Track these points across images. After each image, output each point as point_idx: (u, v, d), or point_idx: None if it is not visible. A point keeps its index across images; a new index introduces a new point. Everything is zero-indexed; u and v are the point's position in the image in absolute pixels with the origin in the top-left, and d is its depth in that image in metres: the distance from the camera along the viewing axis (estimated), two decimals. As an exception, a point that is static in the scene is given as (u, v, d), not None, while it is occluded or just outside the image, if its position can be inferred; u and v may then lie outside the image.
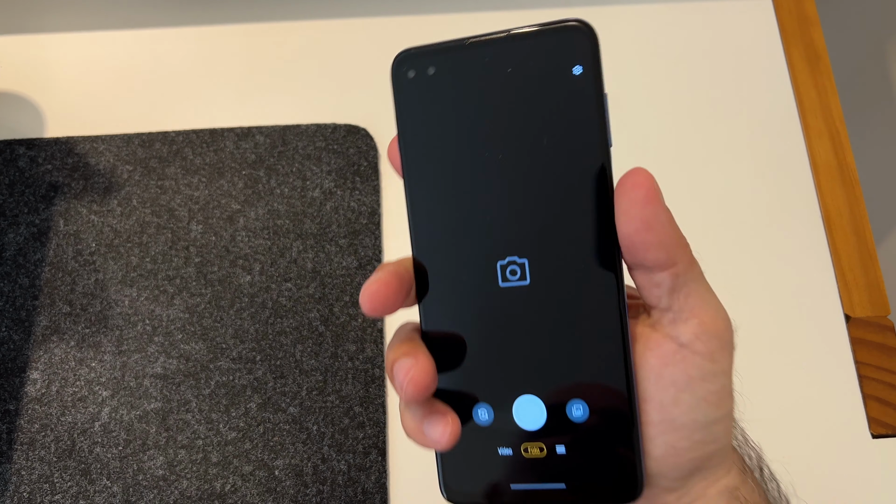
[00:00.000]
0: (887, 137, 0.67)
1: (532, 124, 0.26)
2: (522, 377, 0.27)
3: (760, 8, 0.53)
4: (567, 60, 0.25)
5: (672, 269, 0.25)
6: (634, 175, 0.25)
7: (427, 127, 0.27)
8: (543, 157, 0.26)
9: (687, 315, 0.25)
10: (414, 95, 0.27)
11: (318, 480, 0.41)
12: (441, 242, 0.27)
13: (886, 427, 0.42)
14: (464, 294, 0.27)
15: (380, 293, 0.25)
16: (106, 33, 0.52)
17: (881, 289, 0.45)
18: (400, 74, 0.27)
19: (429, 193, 0.27)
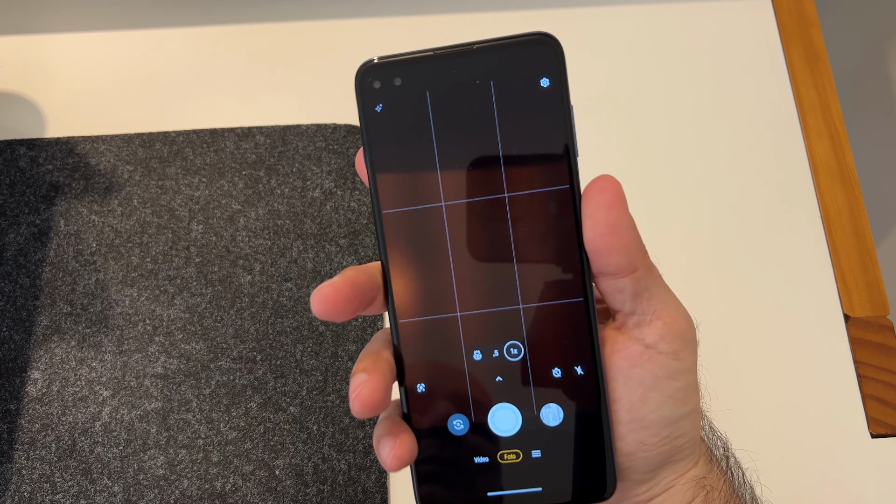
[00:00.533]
0: (887, 137, 0.67)
1: (499, 136, 0.26)
2: (497, 387, 0.27)
3: (760, 8, 0.53)
4: (534, 73, 0.26)
5: (633, 273, 0.26)
6: (601, 181, 0.25)
7: (393, 139, 0.26)
8: (511, 169, 0.26)
9: (650, 317, 0.26)
10: (379, 106, 0.26)
11: (319, 480, 0.41)
12: (411, 253, 0.27)
13: (886, 427, 0.42)
14: (436, 306, 0.27)
15: (329, 299, 0.25)
16: (106, 33, 0.52)
17: (881, 289, 0.45)
18: (365, 85, 0.26)
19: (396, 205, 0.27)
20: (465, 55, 0.26)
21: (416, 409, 0.27)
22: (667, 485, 0.27)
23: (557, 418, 0.27)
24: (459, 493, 0.27)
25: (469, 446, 0.27)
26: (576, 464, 0.27)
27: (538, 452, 0.27)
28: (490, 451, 0.27)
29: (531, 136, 0.26)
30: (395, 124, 0.26)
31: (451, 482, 0.27)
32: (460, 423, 0.27)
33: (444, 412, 0.27)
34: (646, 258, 0.26)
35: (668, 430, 0.26)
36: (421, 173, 0.27)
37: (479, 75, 0.26)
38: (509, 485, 0.27)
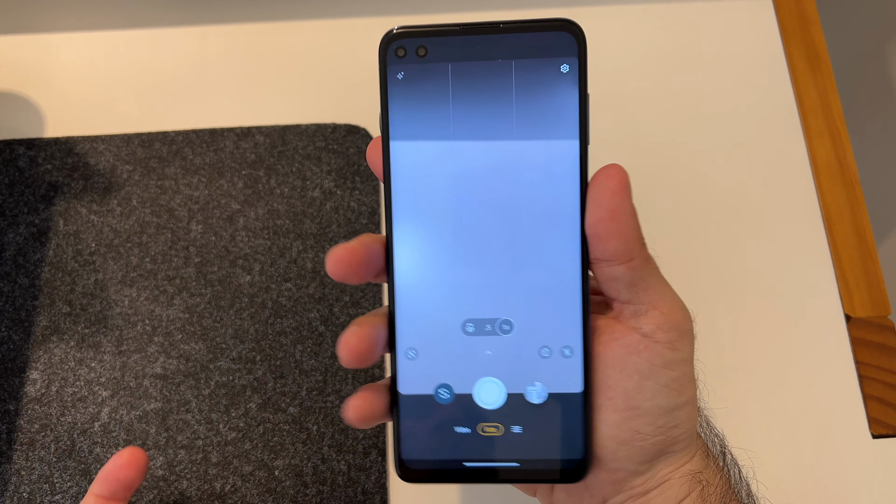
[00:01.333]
0: (888, 137, 0.67)
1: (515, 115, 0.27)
2: (486, 361, 0.28)
3: (760, 8, 0.53)
4: (556, 57, 0.26)
5: (630, 262, 0.26)
6: (609, 168, 0.26)
7: (412, 108, 0.27)
8: (523, 149, 0.27)
9: (647, 307, 0.26)
10: (401, 74, 0.27)
11: (318, 480, 0.41)
12: (417, 223, 0.27)
13: (886, 427, 0.42)
14: (434, 275, 0.28)
15: (343, 260, 0.26)
16: (106, 33, 0.52)
17: (881, 289, 0.45)
18: (389, 52, 0.27)
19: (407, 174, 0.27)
20: (491, 32, 0.26)
21: (404, 373, 0.28)
22: (662, 478, 0.27)
23: (541, 396, 0.28)
24: (438, 459, 0.28)
25: (452, 415, 0.28)
26: (554, 443, 0.28)
27: (519, 428, 0.28)
28: (472, 422, 0.28)
29: (546, 118, 0.26)
30: (415, 93, 0.27)
31: (430, 449, 0.28)
32: (446, 392, 0.28)
33: (431, 379, 0.28)
34: (643, 249, 0.26)
35: (664, 419, 0.27)
36: (435, 143, 0.27)
37: (502, 54, 0.26)
38: (487, 457, 0.28)
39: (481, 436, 0.28)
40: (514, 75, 0.26)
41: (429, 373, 0.28)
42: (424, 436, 0.28)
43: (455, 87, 0.27)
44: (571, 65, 0.26)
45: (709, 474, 0.28)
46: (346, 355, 0.27)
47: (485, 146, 0.27)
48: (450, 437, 0.28)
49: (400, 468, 0.28)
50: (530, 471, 0.28)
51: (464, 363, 0.28)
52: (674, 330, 0.26)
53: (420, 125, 0.27)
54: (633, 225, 0.26)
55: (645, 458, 0.27)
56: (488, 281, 0.27)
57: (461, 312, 0.28)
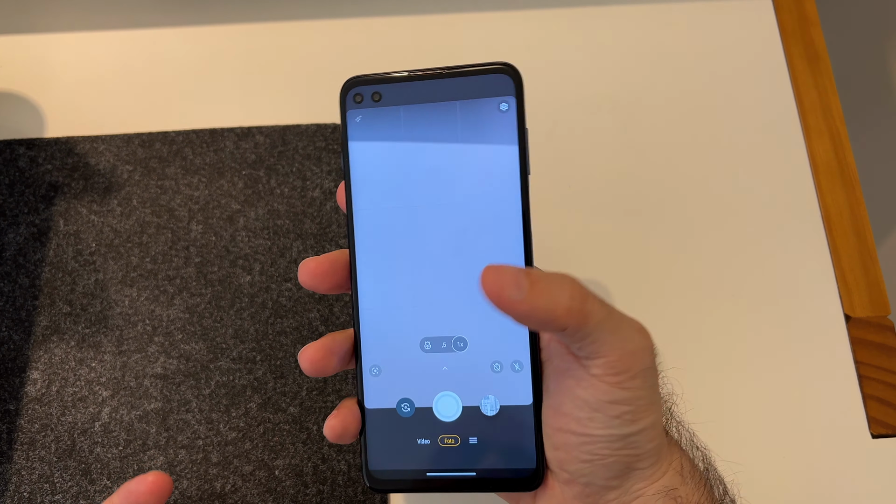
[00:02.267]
0: (887, 137, 0.67)
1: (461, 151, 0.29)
2: (443, 376, 0.30)
3: (760, 8, 0.53)
4: (496, 97, 0.29)
5: (563, 334, 0.26)
6: (484, 281, 0.25)
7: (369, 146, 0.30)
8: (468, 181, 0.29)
9: (594, 355, 0.26)
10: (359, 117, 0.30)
11: (319, 480, 0.41)
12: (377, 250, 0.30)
13: (886, 427, 0.42)
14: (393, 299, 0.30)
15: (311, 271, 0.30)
16: (106, 33, 0.52)
17: (881, 289, 0.45)
18: (348, 97, 0.30)
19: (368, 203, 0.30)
20: (436, 77, 0.29)
21: (370, 389, 0.30)
22: (636, 493, 0.28)
23: (494, 409, 0.30)
24: (402, 470, 0.30)
25: (413, 428, 0.30)
26: (508, 453, 0.29)
27: (475, 439, 0.30)
28: (432, 434, 0.30)
29: (489, 153, 0.29)
30: (372, 133, 0.30)
31: (395, 460, 0.30)
32: (407, 406, 0.30)
33: (393, 395, 0.30)
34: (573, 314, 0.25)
35: (619, 443, 0.27)
36: (391, 177, 0.30)
37: (448, 96, 0.29)
38: (446, 466, 0.30)
39: (441, 447, 0.30)
40: (459, 114, 0.29)
41: (391, 388, 0.30)
42: (389, 447, 0.30)
43: (407, 126, 0.30)
44: (510, 103, 0.29)
45: (686, 491, 0.28)
46: (307, 365, 0.30)
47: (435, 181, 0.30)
48: (412, 448, 0.30)
49: (367, 478, 0.31)
50: (487, 479, 0.30)
51: (423, 379, 0.30)
52: (623, 373, 0.26)
53: (377, 162, 0.30)
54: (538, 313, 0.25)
55: (612, 474, 0.27)
56: (443, 301, 0.30)
57: (419, 331, 0.30)
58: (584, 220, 0.47)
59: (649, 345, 0.27)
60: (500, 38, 0.52)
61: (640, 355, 0.27)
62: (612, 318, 0.26)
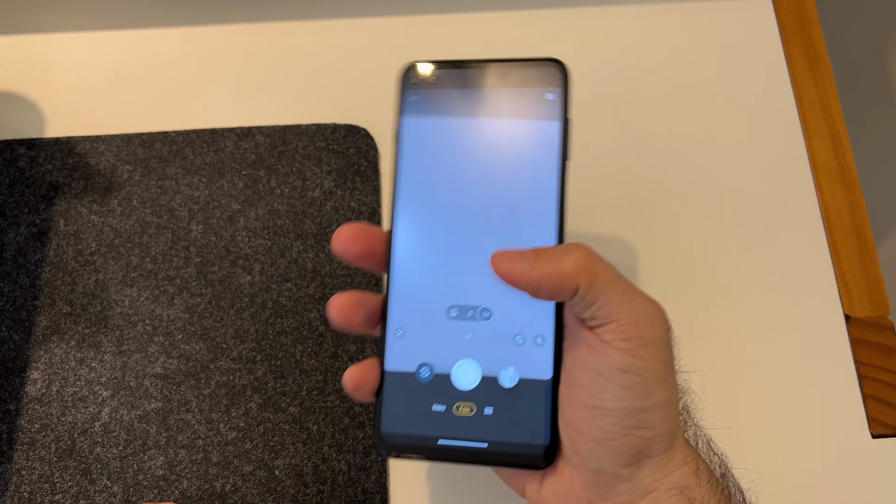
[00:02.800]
0: (887, 137, 0.67)
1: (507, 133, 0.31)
2: (465, 344, 0.30)
3: (760, 8, 0.53)
4: (544, 87, 0.31)
5: (574, 300, 0.27)
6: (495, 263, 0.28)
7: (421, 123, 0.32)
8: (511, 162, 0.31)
9: (604, 320, 0.27)
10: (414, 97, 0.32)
11: (319, 480, 0.41)
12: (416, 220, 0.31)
13: (886, 427, 0.42)
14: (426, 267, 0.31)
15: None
16: (106, 33, 0.52)
17: (881, 289, 0.45)
18: (406, 78, 0.33)
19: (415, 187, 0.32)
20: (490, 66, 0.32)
21: (391, 351, 0.31)
22: (648, 486, 0.27)
23: (513, 381, 0.30)
24: (414, 435, 0.30)
25: (430, 393, 0.30)
26: (522, 427, 0.29)
27: (490, 410, 0.30)
28: (447, 400, 0.30)
29: (532, 137, 0.31)
30: (424, 111, 0.32)
31: (409, 424, 0.30)
32: (426, 371, 0.30)
33: (414, 358, 0.30)
34: (582, 275, 0.27)
35: (629, 420, 0.27)
36: (438, 153, 0.32)
37: (499, 83, 0.32)
38: (459, 436, 0.30)
39: (455, 415, 0.30)
40: (508, 101, 0.31)
41: (413, 352, 0.31)
42: (403, 411, 0.30)
43: (458, 109, 0.32)
44: (557, 93, 0.31)
45: (702, 493, 0.27)
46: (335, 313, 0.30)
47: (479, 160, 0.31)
48: (427, 413, 0.30)
49: (378, 441, 0.30)
50: (499, 453, 0.29)
51: (445, 345, 0.30)
52: (633, 339, 0.26)
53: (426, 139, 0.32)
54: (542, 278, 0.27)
55: (622, 459, 0.27)
56: (473, 270, 0.30)
57: (447, 298, 0.31)
58: (583, 220, 0.47)
59: (662, 315, 0.28)
60: (501, 37, 0.52)
61: (652, 322, 0.27)
62: (621, 281, 0.27)
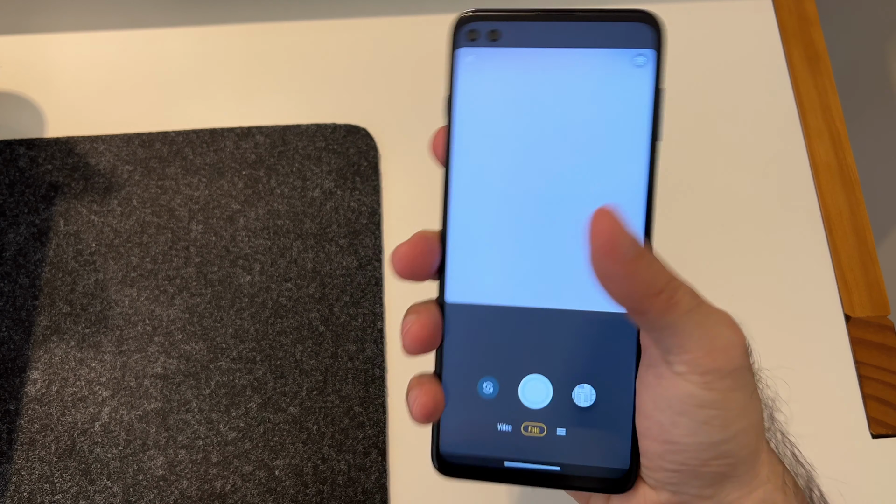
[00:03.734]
0: (887, 137, 0.67)
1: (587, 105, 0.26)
2: (534, 356, 0.26)
3: (760, 8, 0.53)
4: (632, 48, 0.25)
5: (641, 317, 0.23)
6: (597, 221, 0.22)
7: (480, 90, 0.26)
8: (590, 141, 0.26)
9: (677, 350, 0.24)
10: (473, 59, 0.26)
11: (318, 480, 0.41)
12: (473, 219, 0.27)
13: (886, 427, 0.42)
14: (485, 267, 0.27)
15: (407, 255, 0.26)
16: (106, 33, 0.52)
17: (881, 289, 0.45)
18: (461, 33, 0.26)
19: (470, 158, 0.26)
20: (567, 19, 0.26)
21: (450, 365, 0.27)
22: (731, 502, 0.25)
23: (589, 400, 0.26)
24: (478, 457, 0.27)
25: (495, 412, 0.27)
26: (599, 450, 0.26)
27: (563, 431, 0.26)
28: (515, 420, 0.27)
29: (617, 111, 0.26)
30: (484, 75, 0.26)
31: (471, 445, 0.27)
32: (490, 387, 0.27)
33: (476, 372, 0.27)
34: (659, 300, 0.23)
35: (708, 453, 0.24)
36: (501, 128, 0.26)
37: (577, 42, 0.25)
38: (528, 458, 0.27)
39: (524, 435, 0.27)
40: (587, 64, 0.25)
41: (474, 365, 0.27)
42: (465, 430, 0.27)
43: (525, 74, 0.26)
44: (648, 57, 0.25)
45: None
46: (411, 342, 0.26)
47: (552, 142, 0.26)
48: (491, 433, 0.27)
49: (437, 462, 0.27)
50: (572, 476, 0.26)
51: (511, 357, 0.27)
52: (710, 373, 0.23)
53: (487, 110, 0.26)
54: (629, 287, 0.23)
55: (703, 483, 0.24)
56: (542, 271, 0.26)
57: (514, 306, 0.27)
58: (584, 220, 0.47)
59: (741, 341, 0.24)
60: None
61: (731, 352, 0.24)
62: (700, 309, 0.23)
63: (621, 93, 0.25)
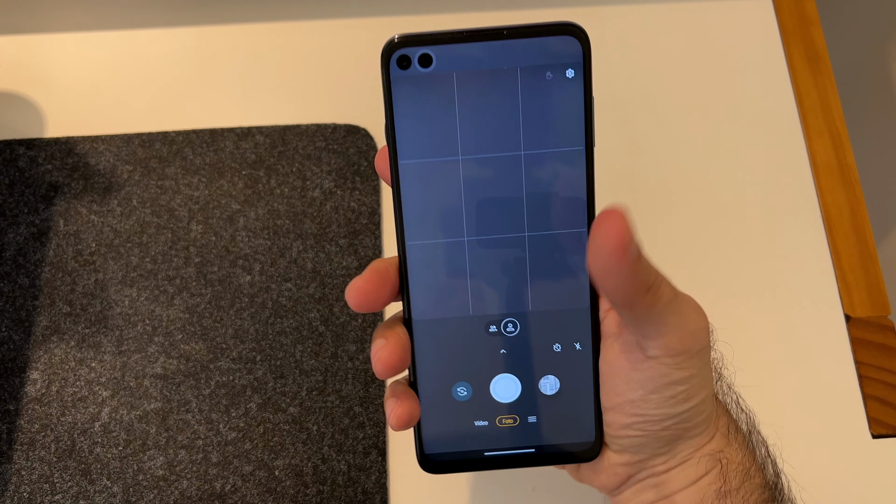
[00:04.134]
0: (888, 137, 0.67)
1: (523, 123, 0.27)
2: (501, 358, 0.29)
3: (760, 8, 0.53)
4: (561, 62, 0.26)
5: (629, 311, 0.26)
6: (609, 221, 0.24)
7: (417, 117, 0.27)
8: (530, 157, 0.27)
9: (654, 335, 0.26)
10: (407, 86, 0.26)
11: (318, 480, 0.41)
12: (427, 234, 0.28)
13: (886, 427, 0.42)
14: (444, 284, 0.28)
15: (362, 291, 0.27)
16: (106, 33, 0.52)
17: (881, 289, 0.45)
18: (392, 64, 0.26)
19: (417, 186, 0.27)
20: (496, 38, 0.26)
21: (424, 375, 0.29)
22: (683, 458, 0.28)
23: (554, 388, 0.29)
24: (458, 450, 0.30)
25: (470, 411, 0.29)
26: (567, 429, 0.29)
27: (534, 418, 0.29)
28: (490, 415, 0.29)
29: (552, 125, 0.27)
30: (420, 106, 0.27)
31: (451, 441, 0.30)
32: (464, 391, 0.29)
33: (449, 379, 0.29)
34: (648, 296, 0.25)
35: (671, 421, 0.27)
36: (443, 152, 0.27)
37: (507, 60, 0.26)
38: (505, 446, 0.30)
39: (499, 427, 0.29)
40: (520, 82, 0.26)
41: (447, 373, 0.29)
42: (445, 431, 0.30)
43: (461, 98, 0.26)
44: (576, 69, 0.26)
45: (730, 452, 0.28)
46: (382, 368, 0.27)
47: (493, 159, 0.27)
48: (469, 430, 0.29)
49: (422, 461, 0.30)
50: (545, 454, 0.30)
51: (480, 362, 0.29)
52: (681, 354, 0.26)
53: (427, 140, 0.27)
54: (630, 283, 0.24)
55: (660, 444, 0.28)
56: (499, 279, 0.28)
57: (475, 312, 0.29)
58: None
59: (706, 324, 0.27)
60: (500, 38, 0.52)
61: (699, 335, 0.27)
62: (676, 298, 0.26)
63: (555, 106, 0.26)
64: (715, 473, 0.28)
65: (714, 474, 0.28)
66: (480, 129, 0.27)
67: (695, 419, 0.28)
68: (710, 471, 0.28)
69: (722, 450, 0.28)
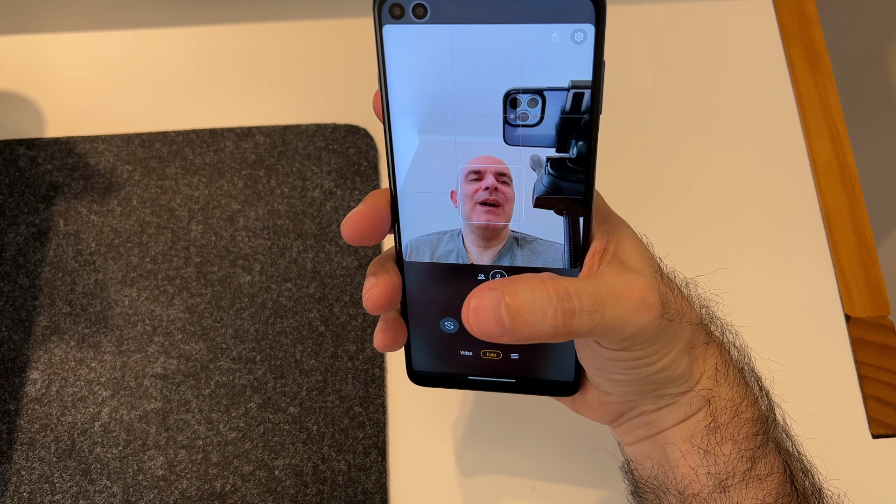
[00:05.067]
0: (887, 137, 0.67)
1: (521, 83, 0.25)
2: None
3: (760, 8, 0.53)
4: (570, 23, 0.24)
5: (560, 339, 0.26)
6: (466, 314, 0.25)
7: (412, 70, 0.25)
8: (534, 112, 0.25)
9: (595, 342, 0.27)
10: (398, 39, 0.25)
11: (318, 480, 0.41)
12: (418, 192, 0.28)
13: (886, 427, 0.42)
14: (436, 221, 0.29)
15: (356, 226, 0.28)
16: (106, 33, 0.52)
17: (881, 289, 0.45)
18: (384, 13, 0.24)
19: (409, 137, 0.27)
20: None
21: (414, 309, 0.30)
22: (670, 400, 0.29)
23: None
24: (445, 372, 0.32)
25: (456, 342, 0.31)
26: (548, 367, 0.31)
27: (516, 355, 0.31)
28: (474, 348, 0.31)
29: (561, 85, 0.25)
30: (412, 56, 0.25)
31: (438, 363, 0.31)
32: (451, 325, 0.30)
33: (437, 314, 0.30)
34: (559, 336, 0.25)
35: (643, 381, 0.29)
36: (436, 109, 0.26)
37: (511, 17, 0.24)
38: (488, 374, 0.31)
39: (483, 358, 0.31)
40: (523, 41, 0.24)
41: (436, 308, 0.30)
42: (432, 354, 0.31)
43: (456, 55, 0.24)
44: (587, 32, 0.23)
45: (719, 390, 0.29)
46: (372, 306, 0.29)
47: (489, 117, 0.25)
48: (455, 356, 0.31)
49: (411, 374, 0.32)
50: (526, 386, 0.31)
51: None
52: (628, 349, 0.27)
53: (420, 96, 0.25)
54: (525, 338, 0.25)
55: (643, 393, 0.29)
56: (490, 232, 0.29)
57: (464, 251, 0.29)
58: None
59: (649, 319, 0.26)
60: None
61: (641, 333, 0.26)
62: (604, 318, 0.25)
63: (560, 70, 0.24)
64: (704, 412, 0.29)
65: (703, 412, 0.29)
66: (477, 91, 0.25)
67: (667, 377, 0.28)
68: (700, 410, 0.29)
69: (710, 388, 0.29)
